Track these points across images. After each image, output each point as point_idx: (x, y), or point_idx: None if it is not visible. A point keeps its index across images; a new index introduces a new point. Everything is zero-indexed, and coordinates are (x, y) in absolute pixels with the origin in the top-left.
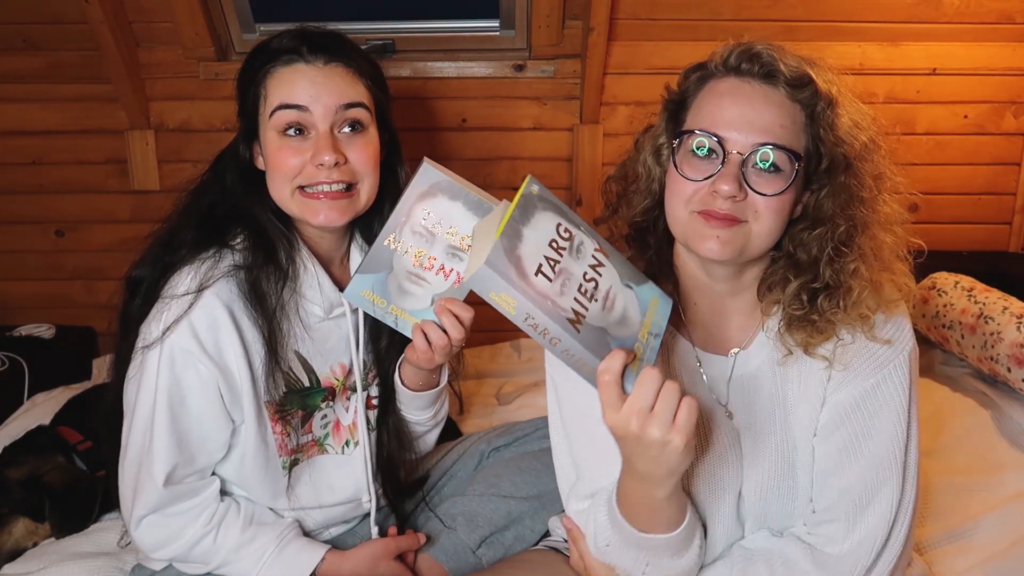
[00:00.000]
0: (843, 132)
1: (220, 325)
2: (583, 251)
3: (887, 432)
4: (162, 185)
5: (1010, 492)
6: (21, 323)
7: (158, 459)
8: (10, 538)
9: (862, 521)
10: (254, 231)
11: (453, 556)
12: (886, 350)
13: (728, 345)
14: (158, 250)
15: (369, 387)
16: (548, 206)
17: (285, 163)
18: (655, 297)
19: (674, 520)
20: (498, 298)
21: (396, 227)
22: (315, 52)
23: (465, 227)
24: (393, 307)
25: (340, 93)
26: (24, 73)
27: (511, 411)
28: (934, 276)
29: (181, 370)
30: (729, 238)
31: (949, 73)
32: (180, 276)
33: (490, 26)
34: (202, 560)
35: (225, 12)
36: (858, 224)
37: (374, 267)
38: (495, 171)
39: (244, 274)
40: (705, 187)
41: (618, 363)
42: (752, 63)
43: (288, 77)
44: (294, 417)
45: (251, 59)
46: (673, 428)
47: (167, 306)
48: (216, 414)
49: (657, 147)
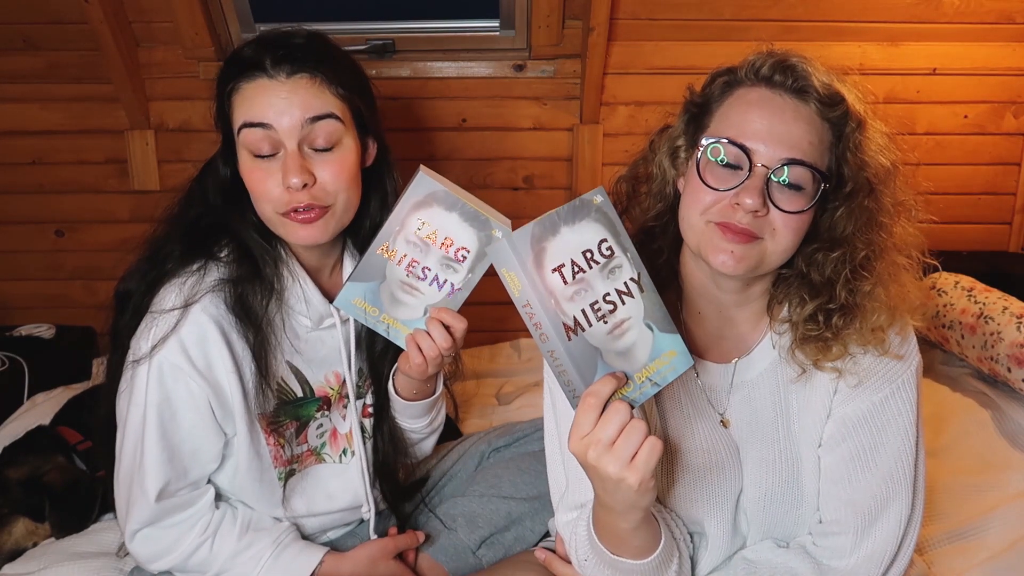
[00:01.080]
0: (869, 155)
1: (209, 340)
2: (616, 274)
3: (896, 446)
4: (162, 185)
5: (1010, 492)
6: (21, 323)
7: (150, 475)
8: (10, 538)
9: (870, 535)
10: (238, 245)
11: (453, 556)
12: (896, 364)
13: (730, 353)
14: (145, 264)
15: (364, 395)
16: (601, 219)
17: (259, 187)
18: (674, 350)
19: (644, 549)
20: (508, 275)
21: (390, 236)
22: (278, 65)
23: (460, 238)
24: (385, 316)
25: (305, 106)
26: (24, 73)
27: (511, 411)
28: (934, 276)
29: (171, 386)
30: (744, 254)
31: (949, 73)
32: (167, 290)
33: (490, 26)
34: (199, 569)
35: (225, 12)
36: (877, 249)
37: (366, 276)
38: (495, 171)
39: (230, 288)
40: (727, 198)
41: (607, 389)
42: (785, 76)
43: (250, 94)
44: (287, 429)
45: (223, 70)
46: (630, 467)
47: (155, 321)
48: (208, 427)
49: (674, 149)
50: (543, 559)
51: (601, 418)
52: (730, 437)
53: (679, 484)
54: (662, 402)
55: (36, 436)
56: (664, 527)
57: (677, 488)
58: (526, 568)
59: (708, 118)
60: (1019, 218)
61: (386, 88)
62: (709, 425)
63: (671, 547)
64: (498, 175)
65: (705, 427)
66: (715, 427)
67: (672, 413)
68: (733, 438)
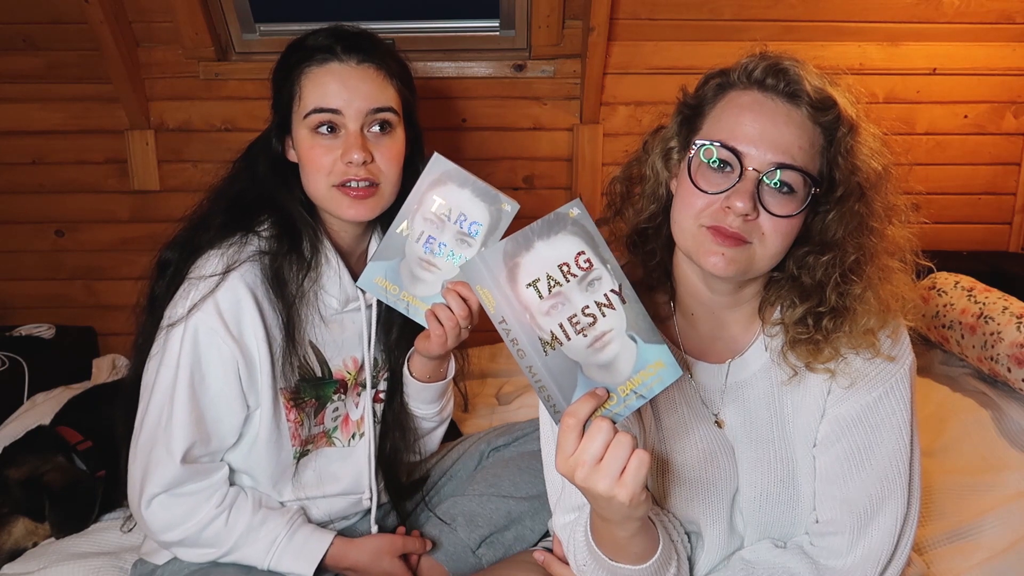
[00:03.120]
0: (860, 160)
1: (243, 306)
2: (595, 287)
3: (890, 445)
4: (162, 185)
5: (1010, 492)
6: (21, 323)
7: (177, 434)
8: (10, 538)
9: (866, 535)
10: (281, 220)
11: (453, 556)
12: (888, 364)
13: (724, 354)
14: (187, 233)
15: (379, 382)
16: (578, 232)
17: (318, 160)
18: (661, 361)
19: (642, 555)
20: (482, 292)
21: (408, 214)
22: (349, 51)
23: (473, 213)
24: (405, 293)
25: (371, 97)
26: (24, 73)
27: (511, 411)
28: (934, 276)
29: (204, 347)
30: (734, 256)
31: (949, 73)
32: (207, 258)
33: (490, 26)
34: (212, 543)
35: (225, 12)
36: (867, 252)
37: (387, 254)
38: (495, 171)
39: (268, 260)
40: (718, 201)
41: (585, 409)
42: (777, 79)
43: (322, 79)
44: (308, 405)
45: (287, 55)
46: (619, 483)
47: (194, 286)
48: (233, 395)
49: (667, 151)
50: (541, 560)
51: (584, 437)
52: (725, 437)
53: (674, 484)
54: (656, 402)
55: (36, 436)
56: (662, 530)
57: (672, 488)
58: (526, 568)
59: (701, 120)
60: (1019, 218)
61: None
62: (704, 425)
63: (669, 551)
64: (498, 175)
65: (700, 427)
66: (710, 427)
67: (667, 413)
68: (728, 438)
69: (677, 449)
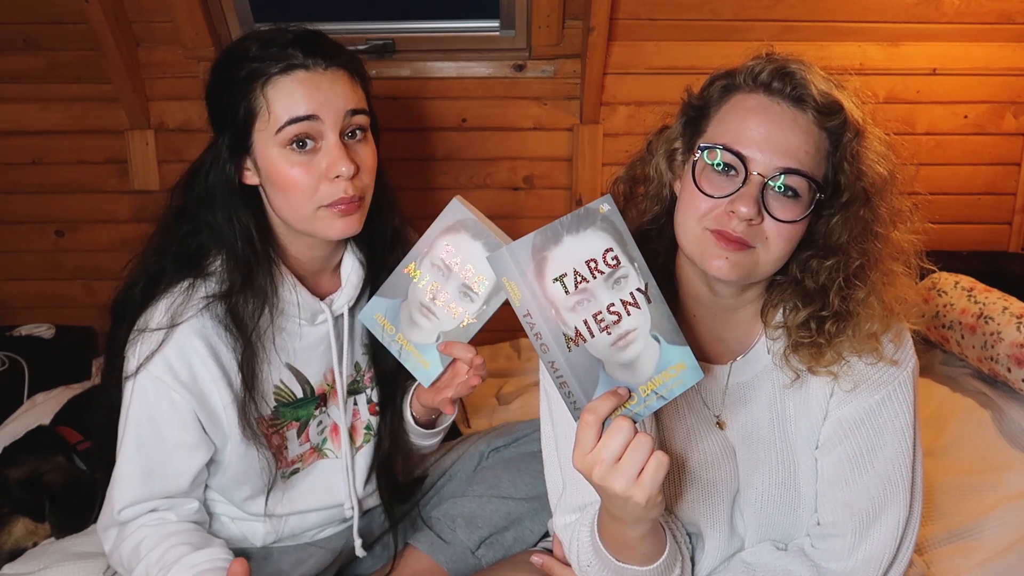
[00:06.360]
0: (866, 165)
1: (193, 354)
2: (622, 285)
3: (893, 448)
4: (162, 185)
5: (1010, 492)
6: (21, 323)
7: (117, 488)
8: (10, 538)
9: (868, 538)
10: (231, 255)
11: (453, 557)
12: (891, 368)
13: (726, 356)
14: (137, 279)
15: (366, 389)
16: (608, 228)
17: (300, 182)
18: (683, 363)
19: (650, 556)
20: (508, 284)
21: (418, 256)
22: (311, 56)
23: (481, 268)
24: (400, 336)
25: (346, 98)
26: (24, 73)
27: (511, 411)
28: (934, 276)
29: (153, 400)
30: (738, 261)
31: (949, 73)
32: (155, 309)
33: (490, 26)
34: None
35: (225, 12)
36: (871, 257)
37: (391, 293)
38: (495, 171)
39: (221, 305)
40: (722, 205)
41: (606, 407)
42: (784, 83)
43: (290, 87)
44: (289, 429)
45: (229, 70)
46: (636, 483)
47: (144, 339)
48: (193, 444)
49: (671, 152)
50: (540, 564)
51: (604, 436)
52: (726, 439)
53: (675, 485)
54: None
55: (36, 436)
56: (668, 532)
57: (673, 489)
58: (526, 568)
59: (706, 122)
60: (1019, 218)
61: (386, 88)
62: (705, 427)
63: (675, 552)
64: (498, 175)
65: (701, 429)
66: (711, 429)
67: (667, 414)
68: (729, 440)
69: (678, 450)
